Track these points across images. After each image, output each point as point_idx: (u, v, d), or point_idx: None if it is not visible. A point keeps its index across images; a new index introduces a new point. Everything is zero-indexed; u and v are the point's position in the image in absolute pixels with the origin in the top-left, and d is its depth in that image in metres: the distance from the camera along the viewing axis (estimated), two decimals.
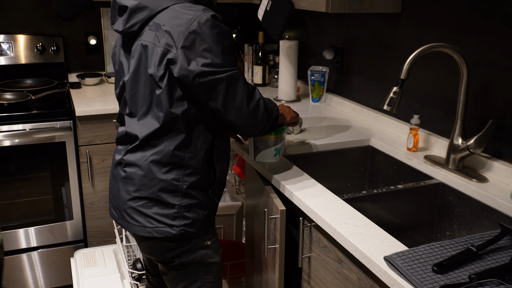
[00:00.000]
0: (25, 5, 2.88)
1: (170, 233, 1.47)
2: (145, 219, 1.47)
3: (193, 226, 1.49)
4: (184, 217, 1.47)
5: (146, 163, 1.46)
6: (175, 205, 1.46)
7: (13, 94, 2.61)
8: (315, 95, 2.51)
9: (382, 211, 1.57)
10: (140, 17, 1.42)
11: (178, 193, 1.46)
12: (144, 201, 1.47)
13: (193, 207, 1.48)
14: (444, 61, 1.75)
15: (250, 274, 1.99)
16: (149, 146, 1.46)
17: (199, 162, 1.47)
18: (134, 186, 1.47)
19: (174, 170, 1.45)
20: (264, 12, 2.38)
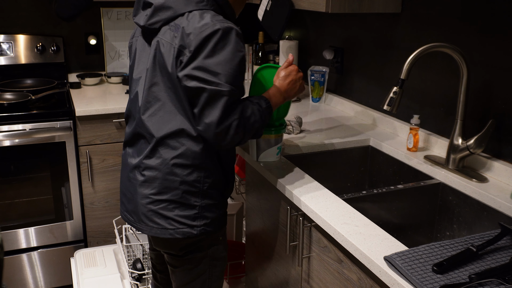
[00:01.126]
0: (25, 5, 2.88)
1: (191, 233, 1.49)
2: (166, 221, 1.48)
3: (212, 225, 1.52)
4: (204, 217, 1.50)
5: (168, 166, 1.46)
6: (196, 206, 1.49)
7: (13, 94, 2.61)
8: (315, 95, 2.51)
9: (382, 211, 1.57)
10: (163, 16, 1.44)
11: (199, 194, 1.49)
12: (165, 204, 1.48)
13: (211, 207, 1.52)
14: (444, 61, 1.75)
15: (251, 274, 1.99)
16: (168, 147, 1.46)
17: (214, 162, 1.50)
18: (155, 189, 1.48)
19: (195, 172, 1.47)
20: (264, 12, 2.38)
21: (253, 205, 1.86)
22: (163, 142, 1.46)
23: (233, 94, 1.38)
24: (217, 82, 1.36)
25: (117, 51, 3.10)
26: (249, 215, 1.92)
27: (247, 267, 2.02)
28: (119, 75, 3.01)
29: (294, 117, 1.98)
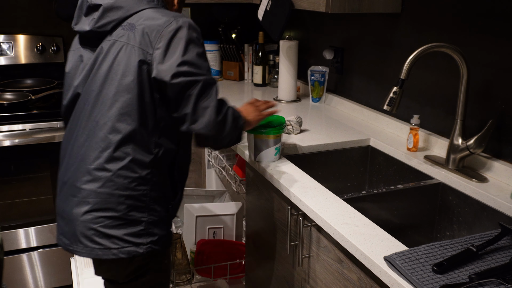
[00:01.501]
0: (25, 5, 2.88)
1: (137, 252, 1.40)
2: (109, 241, 1.37)
3: (158, 243, 1.44)
4: (151, 233, 1.42)
5: (111, 179, 1.36)
6: (142, 221, 1.40)
7: (13, 94, 2.61)
8: (315, 95, 2.51)
9: (382, 211, 1.57)
10: (114, 16, 1.40)
11: (145, 209, 1.40)
12: (108, 221, 1.37)
13: (158, 222, 1.44)
14: (444, 61, 1.75)
15: (251, 274, 1.99)
16: (112, 160, 1.36)
17: (163, 175, 1.44)
18: (96, 205, 1.36)
19: (141, 185, 1.39)
20: (264, 12, 2.38)
21: (253, 205, 1.86)
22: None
23: (214, 79, 1.40)
24: (204, 73, 1.37)
25: None
26: (249, 215, 1.92)
27: (247, 267, 2.02)
28: None
29: (294, 117, 1.98)
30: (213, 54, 3.15)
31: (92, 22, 1.42)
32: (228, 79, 3.18)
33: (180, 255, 2.17)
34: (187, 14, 3.19)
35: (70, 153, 1.45)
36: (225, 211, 2.27)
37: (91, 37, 1.46)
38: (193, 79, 1.35)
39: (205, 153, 2.52)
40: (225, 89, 2.90)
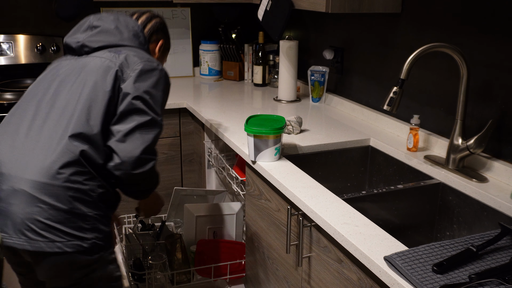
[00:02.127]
0: (25, 5, 2.88)
1: (81, 247, 1.40)
2: (54, 234, 1.37)
3: (103, 239, 1.47)
4: (96, 229, 1.44)
5: (59, 171, 1.39)
6: (89, 216, 1.42)
7: (13, 94, 2.61)
8: (315, 95, 2.51)
9: (382, 211, 1.57)
10: (107, 38, 1.58)
11: (92, 204, 1.43)
12: (53, 214, 1.37)
13: (103, 218, 1.47)
14: (444, 61, 1.75)
15: (251, 274, 1.99)
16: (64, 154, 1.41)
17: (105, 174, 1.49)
18: (42, 197, 1.37)
19: (91, 180, 1.43)
20: (264, 12, 2.38)
21: (253, 205, 1.86)
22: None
23: (160, 131, 1.54)
24: (158, 114, 1.52)
25: None
26: (249, 215, 1.92)
27: (247, 267, 2.02)
28: None
29: (294, 117, 1.98)
30: (213, 54, 3.16)
31: (86, 36, 1.58)
32: (228, 79, 3.18)
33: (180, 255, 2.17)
34: (187, 14, 3.19)
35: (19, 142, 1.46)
36: (225, 211, 2.27)
37: (76, 50, 1.61)
38: (147, 110, 1.49)
39: (205, 153, 2.52)
40: (225, 89, 2.90)
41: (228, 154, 2.40)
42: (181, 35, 3.22)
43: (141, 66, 1.51)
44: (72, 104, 1.46)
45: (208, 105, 2.50)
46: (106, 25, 1.60)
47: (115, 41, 1.58)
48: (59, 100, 1.48)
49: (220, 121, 2.19)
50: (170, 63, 3.22)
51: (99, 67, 1.50)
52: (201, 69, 3.22)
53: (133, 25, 1.65)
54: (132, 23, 1.65)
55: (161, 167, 2.66)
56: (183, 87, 2.95)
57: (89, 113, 1.44)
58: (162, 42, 1.79)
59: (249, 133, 1.65)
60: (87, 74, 1.50)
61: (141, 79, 1.50)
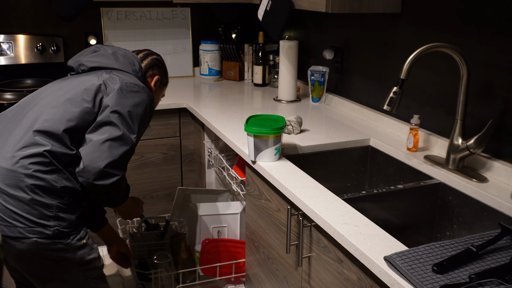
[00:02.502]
0: (25, 5, 2.88)
1: (44, 234, 1.48)
2: (15, 219, 1.46)
3: (68, 227, 1.54)
4: (59, 217, 1.52)
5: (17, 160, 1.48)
6: (52, 205, 1.50)
7: (13, 94, 2.61)
8: (315, 95, 2.51)
9: (382, 211, 1.57)
10: (104, 61, 1.74)
11: (55, 193, 1.51)
12: (13, 202, 1.46)
13: (69, 206, 1.55)
14: (444, 61, 1.75)
15: (251, 274, 1.99)
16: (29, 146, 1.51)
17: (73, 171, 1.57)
18: (6, 181, 1.47)
19: (55, 173, 1.52)
20: (264, 12, 2.38)
21: (253, 205, 1.86)
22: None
23: (134, 148, 1.62)
24: (133, 132, 1.61)
25: None
26: (249, 215, 1.92)
27: (247, 267, 2.02)
28: None
29: (294, 117, 1.98)
30: (213, 54, 3.16)
31: (85, 57, 1.76)
32: (228, 79, 3.18)
33: (185, 255, 2.17)
34: (187, 14, 3.19)
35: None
36: (229, 210, 2.27)
37: (74, 69, 1.79)
38: (121, 126, 1.57)
39: (205, 153, 2.52)
40: (225, 89, 2.90)
41: (228, 154, 2.40)
42: (181, 35, 3.22)
43: (125, 83, 1.63)
44: (50, 105, 1.59)
45: (208, 105, 2.50)
46: (105, 51, 1.77)
47: (109, 64, 1.72)
48: (42, 101, 1.62)
49: (220, 121, 2.19)
50: (170, 63, 3.22)
51: (86, 80, 1.65)
52: (201, 69, 3.22)
53: (130, 55, 1.79)
54: (129, 53, 1.80)
55: (161, 167, 2.66)
56: (183, 87, 2.95)
57: (62, 114, 1.55)
58: (158, 77, 1.88)
59: (249, 133, 1.65)
60: (74, 84, 1.64)
61: (123, 95, 1.61)
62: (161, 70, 1.89)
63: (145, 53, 1.88)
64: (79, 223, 1.60)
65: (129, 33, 3.09)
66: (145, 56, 1.86)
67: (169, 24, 3.18)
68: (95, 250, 1.65)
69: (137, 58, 1.80)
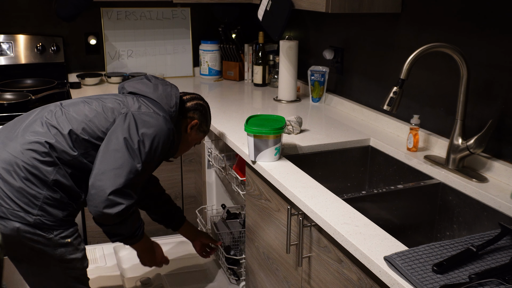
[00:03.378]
0: (25, 5, 2.88)
1: (25, 220, 1.53)
2: (2, 199, 1.52)
3: (53, 221, 1.57)
4: (45, 210, 1.55)
5: (26, 146, 1.55)
6: (41, 195, 1.54)
7: (13, 94, 2.61)
8: (315, 95, 2.51)
9: (382, 211, 1.57)
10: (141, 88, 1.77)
11: (46, 185, 1.54)
12: (6, 184, 1.52)
13: (58, 203, 1.58)
14: (444, 61, 1.75)
15: (251, 274, 1.99)
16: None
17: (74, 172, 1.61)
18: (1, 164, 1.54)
19: (53, 166, 1.55)
20: (264, 12, 2.38)
21: (253, 205, 1.86)
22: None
23: (140, 176, 1.62)
24: (139, 159, 1.60)
25: (117, 51, 3.10)
26: (249, 215, 1.92)
27: (247, 267, 2.02)
28: (119, 75, 3.01)
29: (294, 117, 1.98)
30: (213, 54, 3.16)
31: (131, 82, 1.80)
32: (228, 79, 3.18)
33: None
34: (187, 14, 3.19)
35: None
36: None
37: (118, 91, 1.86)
38: (126, 154, 1.58)
39: (205, 153, 2.52)
40: (225, 89, 2.90)
41: (228, 154, 2.39)
42: (181, 35, 3.22)
43: (140, 110, 1.64)
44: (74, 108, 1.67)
45: None
46: (149, 81, 1.79)
47: (146, 93, 1.73)
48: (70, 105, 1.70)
49: (220, 121, 2.19)
50: (170, 63, 3.22)
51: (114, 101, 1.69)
52: (201, 69, 3.22)
53: (171, 91, 1.76)
54: (172, 91, 1.77)
55: (161, 167, 2.65)
56: (183, 87, 2.95)
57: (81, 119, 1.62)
58: (197, 122, 1.84)
59: (249, 133, 1.65)
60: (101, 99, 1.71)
61: (134, 122, 1.61)
62: (202, 116, 1.86)
63: (192, 96, 1.87)
64: (68, 221, 1.62)
65: (129, 33, 3.09)
66: (191, 99, 1.86)
67: (169, 24, 3.18)
68: (80, 251, 1.66)
69: (178, 96, 1.76)
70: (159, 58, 3.20)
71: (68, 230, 1.62)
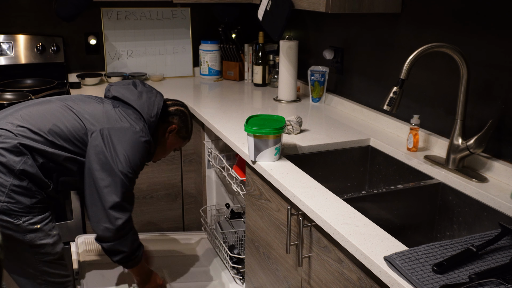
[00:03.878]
0: (25, 5, 2.88)
1: None
2: None
3: (21, 208, 1.62)
4: (12, 197, 1.60)
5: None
6: (7, 184, 1.59)
7: (13, 94, 2.61)
8: (315, 95, 2.51)
9: (382, 211, 1.57)
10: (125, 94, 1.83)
11: (12, 173, 1.59)
12: None
13: (26, 190, 1.62)
14: (444, 61, 1.75)
15: (251, 274, 1.99)
16: None
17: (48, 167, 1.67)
18: None
19: (19, 155, 1.60)
20: (264, 12, 2.38)
21: (253, 205, 1.86)
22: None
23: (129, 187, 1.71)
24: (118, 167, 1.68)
25: (117, 51, 3.10)
26: (249, 215, 1.92)
27: (247, 267, 2.02)
28: (119, 75, 3.01)
29: (294, 117, 1.98)
30: (213, 54, 3.16)
31: (117, 86, 1.86)
32: (228, 79, 3.18)
33: None
34: (187, 14, 3.19)
35: None
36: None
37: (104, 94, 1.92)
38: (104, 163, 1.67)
39: (205, 153, 2.52)
40: (225, 89, 2.90)
41: (228, 154, 2.39)
42: (181, 35, 3.22)
43: (116, 127, 1.70)
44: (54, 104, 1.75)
45: (208, 105, 2.50)
46: (135, 87, 1.84)
47: (129, 100, 1.79)
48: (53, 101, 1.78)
49: (220, 121, 2.19)
50: (170, 63, 3.22)
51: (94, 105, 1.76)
52: (201, 69, 3.22)
53: (155, 101, 1.82)
54: (156, 100, 1.83)
55: (161, 167, 2.66)
56: (183, 87, 2.95)
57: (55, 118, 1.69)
58: (175, 127, 1.91)
59: (249, 133, 1.65)
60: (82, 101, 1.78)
61: (111, 140, 1.68)
62: (181, 122, 1.92)
63: (176, 102, 1.95)
64: (37, 208, 1.66)
65: (129, 33, 3.09)
66: (174, 104, 1.93)
67: (169, 24, 3.18)
68: (51, 236, 1.71)
69: (160, 106, 1.82)
70: (159, 58, 3.20)
71: (37, 217, 1.66)
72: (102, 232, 1.68)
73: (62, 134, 1.67)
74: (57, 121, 1.68)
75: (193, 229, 2.81)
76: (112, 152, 1.66)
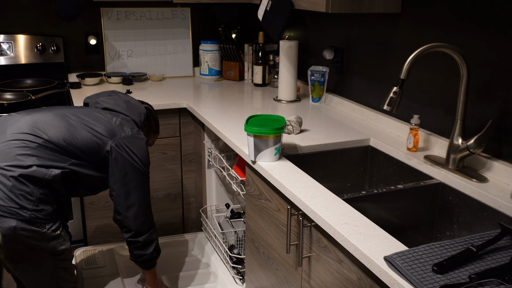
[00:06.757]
0: (25, 5, 2.88)
1: (21, 216, 1.61)
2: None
3: (45, 215, 1.67)
4: (37, 205, 1.65)
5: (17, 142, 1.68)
6: (34, 194, 1.64)
7: (13, 94, 2.61)
8: (315, 95, 2.51)
9: (382, 211, 1.57)
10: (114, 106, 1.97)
11: (39, 185, 1.66)
12: (4, 179, 1.61)
13: (48, 196, 1.69)
14: (444, 61, 1.75)
15: (251, 274, 1.99)
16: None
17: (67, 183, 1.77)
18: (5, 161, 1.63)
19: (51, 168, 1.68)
20: (264, 12, 2.38)
21: (253, 205, 1.86)
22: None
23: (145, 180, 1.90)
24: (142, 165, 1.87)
25: (117, 51, 3.10)
26: (249, 215, 1.92)
27: (247, 267, 2.02)
28: (119, 75, 3.01)
29: (294, 117, 1.98)
30: (213, 54, 3.16)
31: (101, 97, 1.99)
32: (228, 79, 3.18)
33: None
34: (187, 14, 3.19)
35: None
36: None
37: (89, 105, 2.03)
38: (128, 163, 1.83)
39: (205, 153, 2.52)
40: (225, 89, 2.90)
41: (228, 154, 2.40)
42: (181, 35, 3.22)
43: (128, 135, 1.84)
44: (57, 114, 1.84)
45: (208, 105, 2.50)
46: (119, 97, 1.99)
47: (122, 109, 1.94)
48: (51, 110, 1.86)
49: (220, 121, 2.19)
50: (170, 63, 3.22)
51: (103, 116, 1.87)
52: (201, 69, 3.22)
53: (137, 103, 2.02)
54: (139, 104, 2.02)
55: (161, 167, 2.66)
56: (183, 87, 2.95)
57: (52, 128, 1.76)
58: (151, 125, 2.13)
59: (249, 133, 1.65)
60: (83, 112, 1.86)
61: (129, 147, 1.82)
62: (153, 120, 2.12)
63: (141, 101, 2.11)
64: (55, 215, 1.73)
65: (129, 33, 3.09)
66: (147, 109, 2.11)
67: (169, 24, 3.18)
68: (67, 241, 1.79)
69: (143, 108, 2.02)
70: (159, 58, 3.20)
71: (56, 223, 1.73)
72: (141, 225, 1.84)
73: (79, 147, 1.77)
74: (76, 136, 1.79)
75: (193, 229, 2.82)
76: (134, 157, 1.82)
